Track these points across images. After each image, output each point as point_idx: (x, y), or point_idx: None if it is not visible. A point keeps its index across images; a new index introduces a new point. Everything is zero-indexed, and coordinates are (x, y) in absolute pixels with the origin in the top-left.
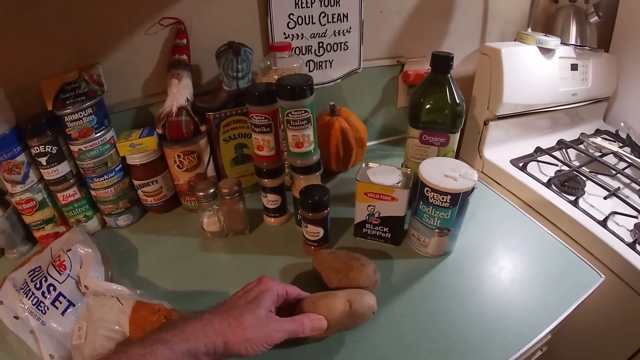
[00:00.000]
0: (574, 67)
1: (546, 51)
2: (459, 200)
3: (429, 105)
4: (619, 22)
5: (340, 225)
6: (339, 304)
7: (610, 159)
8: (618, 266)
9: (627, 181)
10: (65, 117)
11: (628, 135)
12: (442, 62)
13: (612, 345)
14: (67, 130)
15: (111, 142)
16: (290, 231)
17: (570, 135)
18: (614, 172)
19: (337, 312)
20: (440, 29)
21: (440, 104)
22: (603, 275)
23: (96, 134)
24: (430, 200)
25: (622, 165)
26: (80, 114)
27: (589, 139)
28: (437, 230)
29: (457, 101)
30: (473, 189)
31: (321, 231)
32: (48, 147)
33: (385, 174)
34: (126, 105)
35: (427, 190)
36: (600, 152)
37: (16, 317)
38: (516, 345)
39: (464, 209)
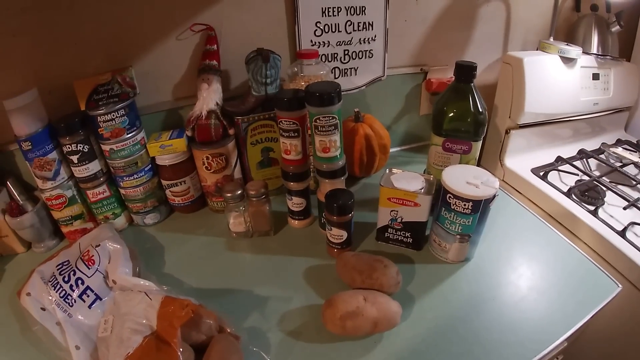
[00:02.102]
0: (595, 77)
1: (568, 60)
2: (480, 207)
3: (452, 114)
4: None
5: (363, 230)
6: (367, 328)
7: (631, 170)
8: (636, 276)
9: None
10: (98, 118)
11: None
12: (466, 71)
13: (629, 355)
14: (99, 130)
15: (142, 143)
16: (313, 233)
17: (591, 145)
18: (635, 182)
19: (364, 333)
20: (463, 37)
21: (463, 112)
22: (620, 285)
23: (128, 134)
24: (453, 207)
25: None
26: (113, 115)
27: (610, 149)
28: (458, 236)
29: (480, 110)
30: (494, 196)
31: (345, 234)
32: (80, 146)
33: (408, 180)
34: (157, 108)
35: (450, 197)
36: (621, 162)
37: (43, 309)
38: (532, 352)
39: (485, 216)
